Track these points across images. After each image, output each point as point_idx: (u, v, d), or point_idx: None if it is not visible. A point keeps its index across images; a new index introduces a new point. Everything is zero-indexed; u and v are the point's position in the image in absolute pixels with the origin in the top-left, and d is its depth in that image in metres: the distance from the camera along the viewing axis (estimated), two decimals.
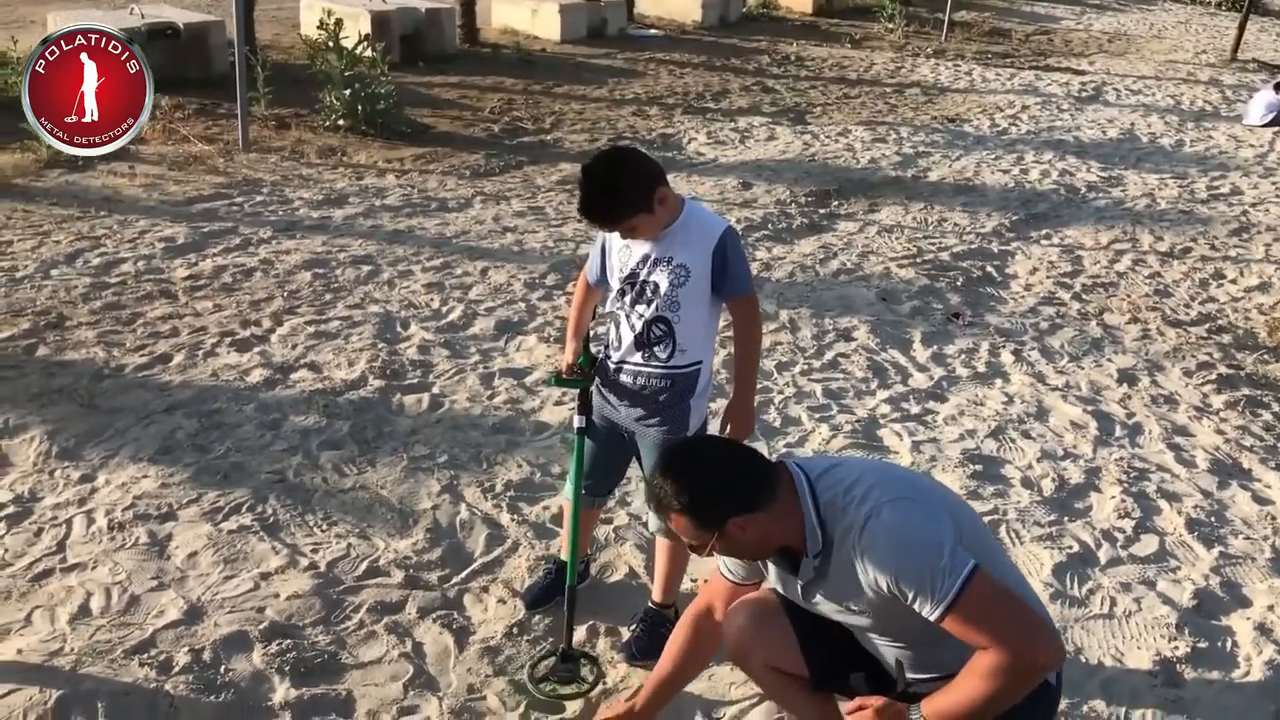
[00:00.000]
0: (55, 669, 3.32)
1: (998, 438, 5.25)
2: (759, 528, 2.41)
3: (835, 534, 2.39)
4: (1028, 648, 2.25)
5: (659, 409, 3.36)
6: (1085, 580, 4.11)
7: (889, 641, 2.54)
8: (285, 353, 5.71)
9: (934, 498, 2.48)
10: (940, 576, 2.26)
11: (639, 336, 3.31)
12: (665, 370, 3.32)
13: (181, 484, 4.43)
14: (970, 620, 2.25)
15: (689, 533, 2.46)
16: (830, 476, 2.45)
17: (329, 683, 3.40)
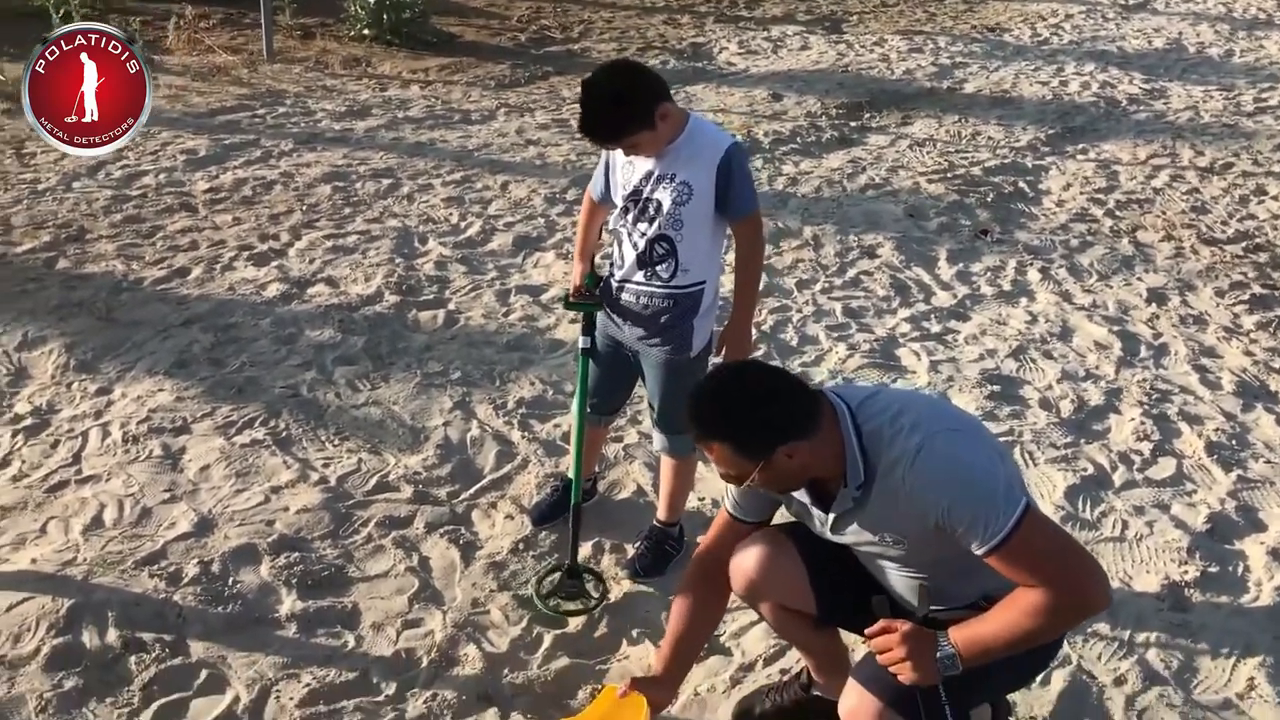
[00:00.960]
0: (68, 579, 3.38)
1: (1018, 358, 5.17)
2: (804, 456, 2.30)
3: (879, 465, 2.30)
4: (1078, 589, 2.20)
5: (662, 329, 3.32)
6: (1098, 503, 4.06)
7: (910, 573, 2.47)
8: (303, 267, 5.70)
9: (980, 431, 2.41)
10: (995, 512, 2.19)
11: (641, 255, 3.26)
12: (668, 290, 3.27)
13: (196, 398, 4.46)
14: (1020, 559, 2.20)
15: (731, 462, 2.32)
16: (872, 406, 2.36)
17: (335, 595, 3.44)
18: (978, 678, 2.33)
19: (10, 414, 4.30)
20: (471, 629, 3.34)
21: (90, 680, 3.01)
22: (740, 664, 3.24)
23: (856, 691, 2.45)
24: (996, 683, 2.57)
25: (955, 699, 2.35)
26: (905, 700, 2.35)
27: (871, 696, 2.41)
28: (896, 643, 2.29)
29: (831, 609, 2.72)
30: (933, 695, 2.33)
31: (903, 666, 2.28)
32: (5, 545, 3.55)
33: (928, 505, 2.25)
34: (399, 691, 3.08)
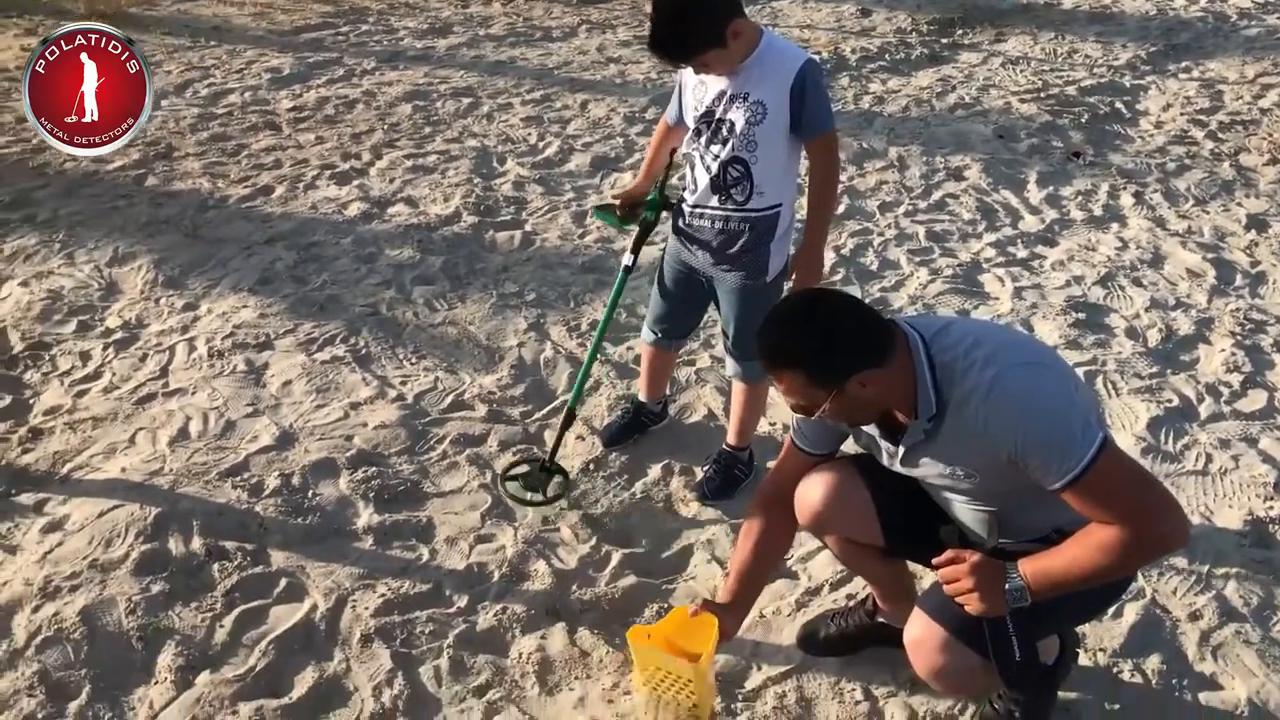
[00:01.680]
0: (155, 488, 3.51)
1: (1106, 285, 5.03)
2: (878, 386, 2.25)
3: (952, 397, 2.25)
4: (1155, 526, 2.14)
5: (737, 254, 3.26)
6: (1181, 435, 3.95)
7: (980, 506, 2.43)
8: (383, 186, 5.75)
9: (1058, 364, 2.34)
10: (1070, 448, 2.14)
11: (715, 179, 3.18)
12: (743, 214, 3.21)
13: (279, 314, 4.55)
14: (1095, 494, 2.15)
15: (802, 390, 2.27)
16: (946, 337, 2.30)
17: (411, 510, 3.52)
18: (1045, 610, 2.30)
19: (102, 327, 4.44)
20: (541, 545, 3.39)
21: (176, 585, 3.13)
22: (806, 588, 3.25)
23: (922, 621, 2.44)
24: (1065, 615, 2.53)
25: (1022, 630, 2.33)
26: (971, 631, 2.34)
27: (937, 626, 2.40)
28: (965, 573, 2.26)
29: (898, 542, 2.70)
30: (999, 626, 2.32)
31: (970, 597, 2.26)
32: (97, 454, 3.69)
33: (1001, 440, 2.20)
34: (470, 604, 3.15)
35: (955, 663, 2.40)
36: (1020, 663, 2.35)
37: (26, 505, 3.42)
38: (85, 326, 4.44)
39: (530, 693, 2.89)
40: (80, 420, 3.86)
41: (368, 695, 2.84)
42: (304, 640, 3.00)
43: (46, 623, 2.96)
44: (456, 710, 2.83)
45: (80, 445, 3.73)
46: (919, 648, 2.45)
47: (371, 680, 2.88)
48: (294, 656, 2.95)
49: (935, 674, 2.46)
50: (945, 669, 2.43)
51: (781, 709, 2.83)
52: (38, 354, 4.25)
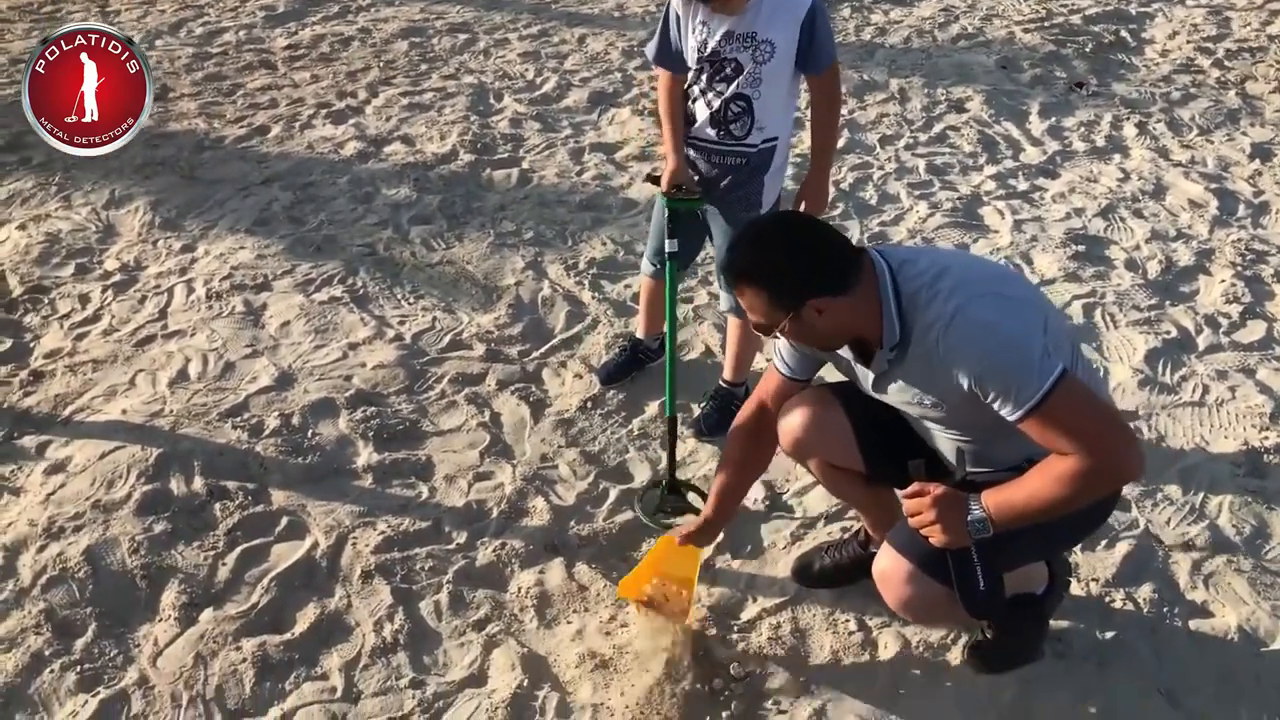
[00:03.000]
0: (156, 429, 3.53)
1: (1107, 216, 4.99)
2: (836, 314, 2.29)
3: (916, 327, 2.27)
4: (1111, 457, 2.16)
5: (732, 186, 3.28)
6: (1179, 367, 3.96)
7: (954, 435, 2.47)
8: (379, 125, 5.71)
9: (1026, 295, 2.33)
10: (1027, 378, 2.15)
11: (715, 114, 3.18)
12: (741, 148, 3.21)
13: (276, 255, 4.55)
14: (1053, 425, 2.16)
15: (761, 310, 2.31)
16: (913, 267, 2.31)
17: (410, 448, 3.55)
18: (1010, 541, 2.32)
19: (100, 270, 4.45)
20: (540, 482, 3.42)
21: (178, 525, 3.17)
22: (801, 521, 3.27)
23: (889, 554, 2.48)
24: (1031, 547, 2.53)
25: (986, 561, 2.35)
26: (936, 562, 2.37)
27: (902, 559, 2.44)
28: (927, 505, 2.30)
29: (879, 468, 2.73)
30: (963, 557, 2.35)
31: (933, 529, 2.30)
32: (98, 396, 3.71)
33: (961, 370, 2.22)
34: (469, 540, 3.19)
35: (921, 594, 2.43)
36: (984, 592, 2.38)
37: (29, 448, 3.45)
38: (84, 269, 4.45)
39: (529, 626, 2.93)
40: (81, 363, 3.88)
41: (369, 630, 2.89)
42: (305, 577, 3.04)
43: (51, 562, 3.00)
44: (456, 644, 2.88)
45: (81, 388, 3.76)
46: (886, 580, 2.49)
47: (372, 615, 2.93)
48: (295, 593, 3.00)
49: (903, 605, 2.50)
50: (912, 600, 2.46)
51: (776, 640, 2.87)
52: (37, 297, 4.26)
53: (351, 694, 2.73)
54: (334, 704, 2.70)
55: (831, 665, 2.81)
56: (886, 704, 2.71)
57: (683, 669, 2.77)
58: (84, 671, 2.74)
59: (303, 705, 2.70)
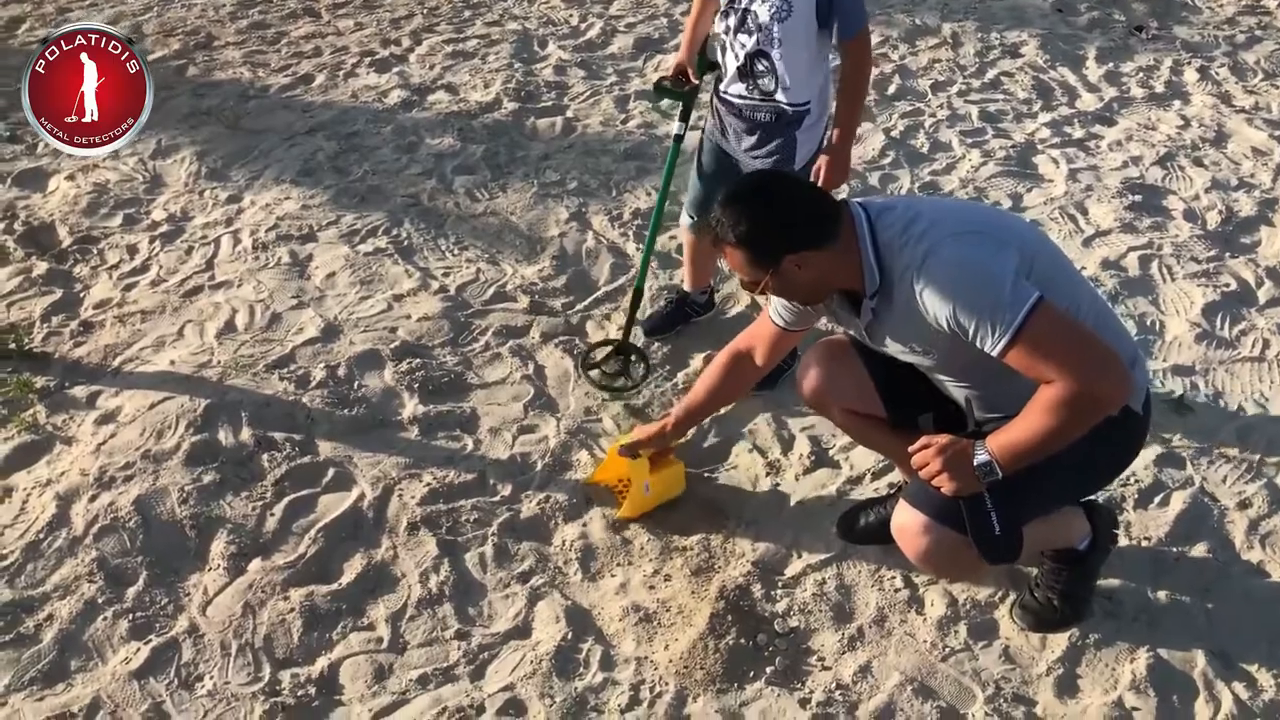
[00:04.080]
0: (204, 379, 3.56)
1: (1165, 165, 4.86)
2: (816, 267, 2.33)
3: (894, 273, 2.30)
4: (1092, 379, 2.16)
5: (766, 139, 3.25)
6: (1238, 321, 3.86)
7: (956, 381, 2.49)
8: (423, 73, 5.67)
9: (1000, 231, 2.33)
10: (1001, 309, 2.16)
11: (742, 68, 3.17)
12: (771, 104, 3.18)
13: (321, 206, 4.55)
14: (1033, 353, 2.17)
15: (743, 268, 2.38)
16: (890, 215, 2.35)
17: (455, 400, 3.55)
18: (1023, 487, 2.34)
19: (148, 220, 4.47)
20: (584, 436, 3.41)
21: (226, 475, 3.20)
22: (847, 477, 3.24)
23: (904, 508, 2.48)
24: (1046, 491, 2.48)
25: (1002, 507, 2.36)
26: (950, 513, 2.38)
27: (916, 511, 2.44)
28: (933, 455, 2.33)
29: (900, 411, 2.75)
30: (976, 503, 2.35)
31: (941, 478, 2.33)
32: (147, 347, 3.74)
33: (937, 309, 2.24)
34: (514, 493, 3.19)
35: (937, 544, 2.44)
36: (1000, 538, 2.38)
37: (79, 398, 3.49)
38: (131, 220, 4.47)
39: (573, 579, 2.94)
40: (129, 313, 3.91)
41: (415, 581, 2.91)
42: (352, 528, 3.07)
43: (103, 512, 3.04)
44: (501, 595, 2.89)
45: (130, 338, 3.79)
46: (902, 534, 2.50)
47: (418, 567, 2.95)
48: (342, 544, 3.02)
49: (921, 557, 2.50)
50: (929, 551, 2.47)
51: (821, 596, 2.86)
52: (86, 248, 4.29)
53: (398, 644, 2.75)
54: (380, 654, 2.72)
55: (877, 622, 2.80)
56: (932, 662, 2.69)
57: (726, 624, 2.76)
58: (136, 620, 2.78)
59: (349, 655, 2.72)
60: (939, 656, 2.70)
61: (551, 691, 2.63)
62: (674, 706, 2.59)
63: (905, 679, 2.64)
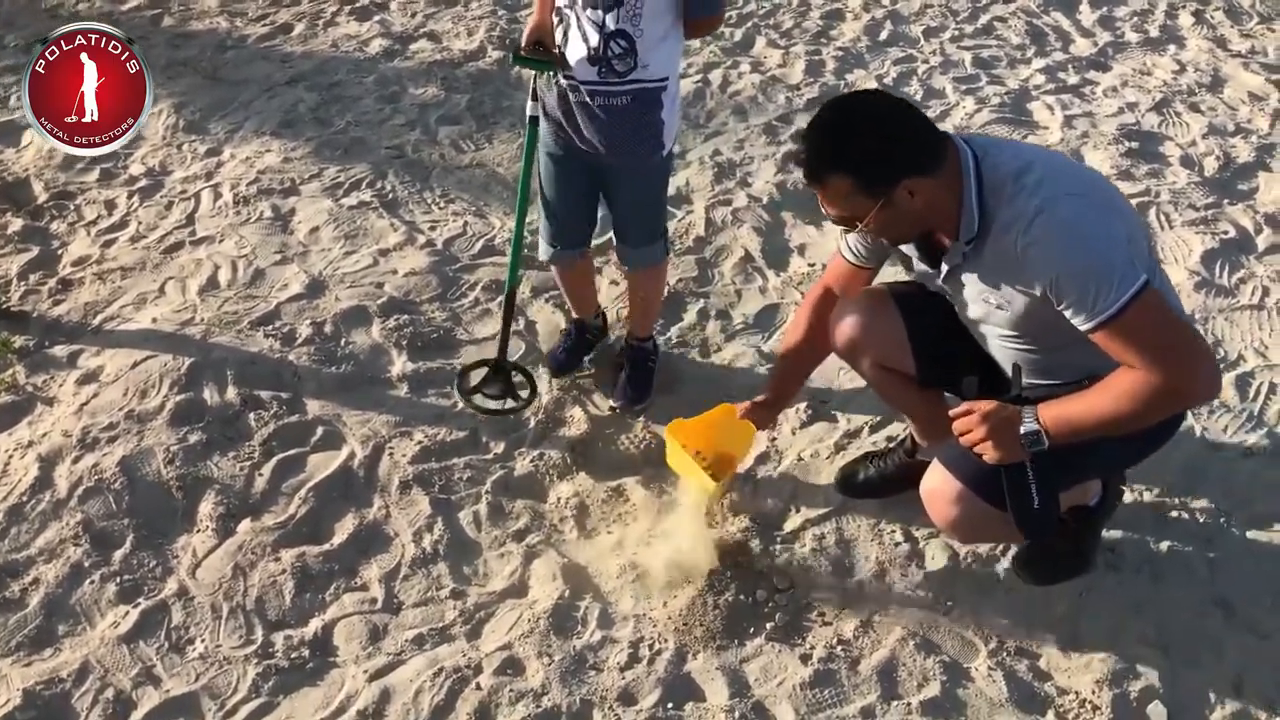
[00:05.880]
0: (187, 337, 3.48)
1: (1161, 111, 4.79)
2: (927, 195, 2.10)
3: (996, 220, 2.13)
4: (1185, 376, 2.04)
5: (628, 129, 2.81)
6: (1237, 268, 3.81)
7: (1016, 342, 2.34)
8: (404, 21, 5.54)
9: (1114, 201, 2.19)
10: (1107, 286, 2.02)
11: (594, 51, 2.68)
12: (626, 85, 2.74)
13: (303, 158, 4.45)
14: (1128, 338, 2.04)
15: (846, 199, 2.11)
16: (998, 156, 2.16)
17: (445, 357, 3.48)
18: (1069, 458, 2.23)
19: (126, 175, 4.36)
20: (576, 391, 3.35)
21: (213, 435, 3.13)
22: (845, 430, 3.20)
23: (938, 472, 2.39)
24: (1092, 464, 2.44)
25: (1043, 479, 2.24)
26: (987, 483, 2.27)
27: (951, 477, 2.34)
28: (977, 422, 2.19)
29: (931, 371, 2.63)
30: (1018, 475, 2.23)
31: (985, 445, 2.19)
32: (128, 304, 3.66)
33: (1039, 271, 2.09)
34: (507, 450, 3.14)
35: (970, 514, 2.35)
36: (1039, 511, 2.27)
37: (60, 357, 3.41)
38: (109, 175, 4.36)
39: (569, 536, 2.89)
40: (109, 270, 3.82)
41: (408, 540, 2.86)
42: (343, 487, 3.01)
43: (87, 473, 2.97)
44: (496, 554, 2.84)
45: (110, 296, 3.70)
46: (933, 498, 2.41)
47: (411, 526, 2.90)
48: (333, 503, 2.97)
49: (950, 525, 2.42)
50: (960, 520, 2.38)
51: (820, 550, 2.82)
52: (62, 204, 4.18)
53: (392, 605, 2.71)
54: (375, 614, 2.68)
55: (877, 577, 2.76)
56: (934, 617, 2.66)
57: (725, 580, 2.73)
58: (124, 583, 2.73)
59: (343, 616, 2.68)
60: (941, 611, 2.68)
61: (550, 650, 2.59)
62: (673, 664, 2.56)
63: (907, 634, 2.61)
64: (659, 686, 2.51)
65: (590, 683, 2.53)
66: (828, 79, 5.05)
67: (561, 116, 2.85)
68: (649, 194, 3.04)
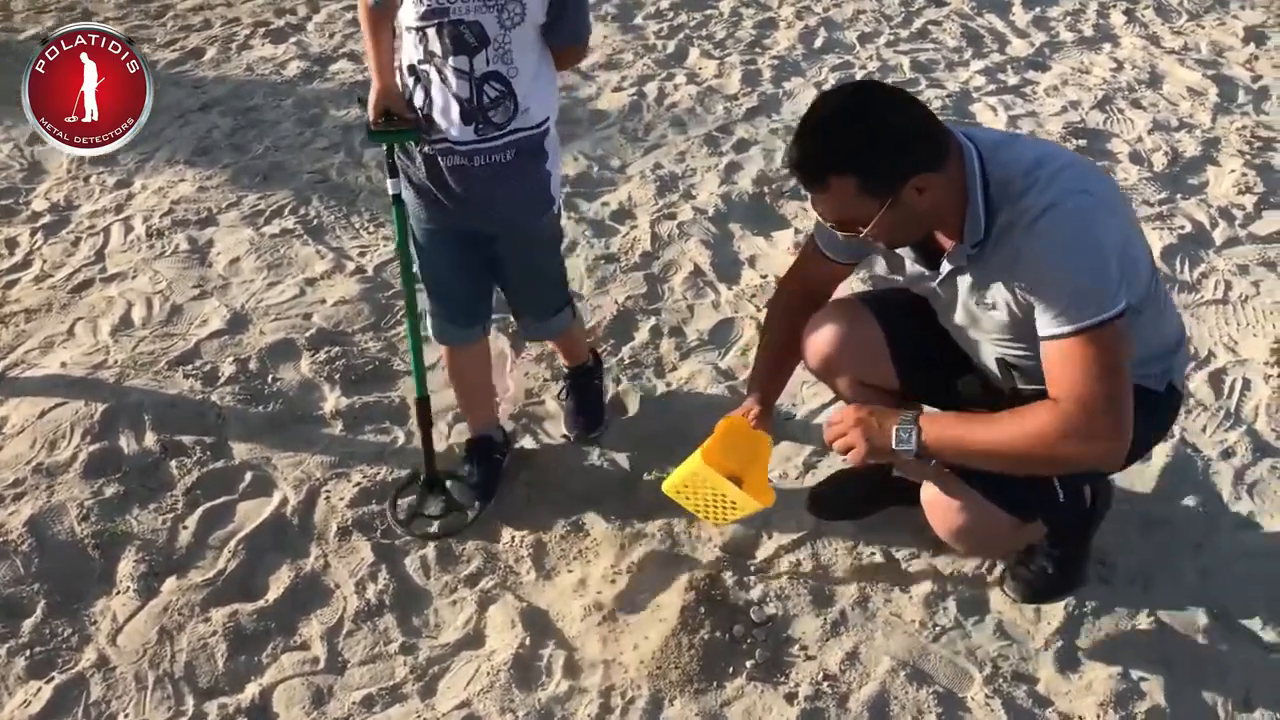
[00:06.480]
0: (100, 382, 3.22)
1: (1104, 109, 4.73)
2: (936, 193, 1.92)
3: (1001, 219, 1.96)
4: (1096, 427, 1.89)
5: (512, 190, 2.53)
6: (1197, 263, 3.73)
7: (1009, 344, 2.16)
8: (323, 42, 5.32)
9: (1121, 205, 2.04)
10: (1085, 300, 1.87)
11: (467, 105, 2.40)
12: (507, 138, 2.45)
13: (220, 186, 4.20)
14: (1070, 360, 1.90)
15: (849, 202, 1.91)
16: (1006, 153, 1.99)
17: (381, 390, 3.26)
18: None
19: (28, 211, 4.09)
20: (527, 420, 3.15)
21: (131, 486, 2.88)
22: (814, 449, 3.03)
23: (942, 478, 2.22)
24: None
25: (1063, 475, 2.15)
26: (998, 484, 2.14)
27: (958, 482, 2.18)
28: (850, 424, 2.09)
29: (913, 384, 2.46)
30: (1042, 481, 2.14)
31: (851, 440, 2.09)
32: (33, 349, 3.38)
33: (1032, 269, 1.94)
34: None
35: (979, 522, 2.20)
36: (1065, 505, 2.18)
37: None
38: (9, 211, 4.08)
39: (526, 578, 2.68)
40: (11, 314, 3.54)
41: (350, 592, 2.63)
42: (275, 537, 2.77)
43: None
44: (448, 602, 2.62)
45: (13, 341, 3.42)
46: (937, 506, 2.25)
47: (353, 576, 2.66)
48: (266, 555, 2.73)
49: (956, 535, 2.27)
50: (967, 528, 2.23)
51: (797, 578, 2.64)
52: None
53: (336, 663, 2.47)
54: (317, 676, 2.44)
55: (859, 604, 2.59)
56: (922, 643, 2.49)
57: (699, 616, 2.53)
58: (35, 655, 2.46)
59: (283, 679, 2.44)
60: (929, 637, 2.50)
61: (513, 705, 2.37)
62: (649, 712, 2.35)
63: (896, 664, 2.44)
64: None
65: None
66: (765, 88, 4.92)
67: (434, 187, 2.54)
68: (544, 260, 2.76)
